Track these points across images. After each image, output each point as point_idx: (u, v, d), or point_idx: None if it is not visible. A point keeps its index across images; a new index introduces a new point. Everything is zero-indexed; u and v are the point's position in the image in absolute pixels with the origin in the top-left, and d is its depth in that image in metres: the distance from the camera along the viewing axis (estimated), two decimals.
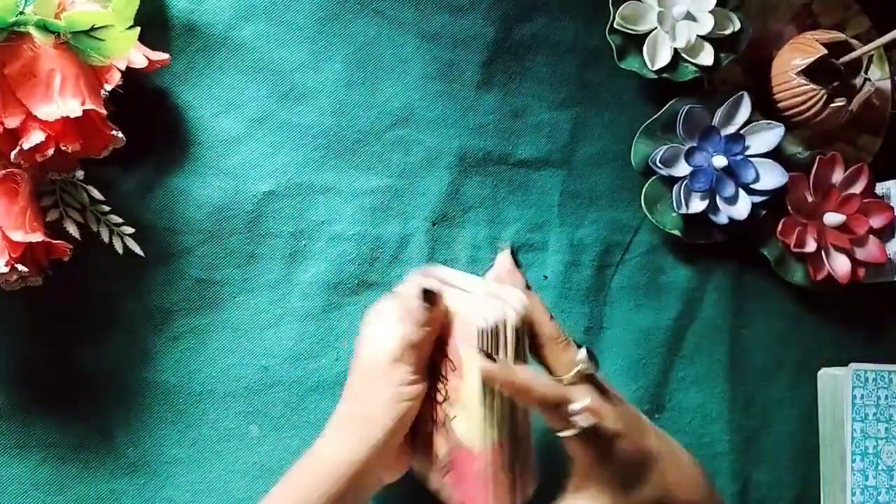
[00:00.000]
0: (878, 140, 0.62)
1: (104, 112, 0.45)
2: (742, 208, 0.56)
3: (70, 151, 0.45)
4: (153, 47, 0.50)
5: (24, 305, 0.50)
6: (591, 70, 0.60)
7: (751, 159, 0.57)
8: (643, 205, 0.58)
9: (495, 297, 0.41)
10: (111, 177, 0.51)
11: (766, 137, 0.57)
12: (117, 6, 0.45)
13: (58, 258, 0.47)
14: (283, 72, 0.55)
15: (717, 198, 0.57)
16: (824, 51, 0.55)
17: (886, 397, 0.57)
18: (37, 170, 0.47)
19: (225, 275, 0.53)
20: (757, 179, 0.57)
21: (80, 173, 0.49)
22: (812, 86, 0.56)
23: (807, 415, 0.60)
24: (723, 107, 0.57)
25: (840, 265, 0.58)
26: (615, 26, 0.56)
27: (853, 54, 0.56)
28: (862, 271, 0.58)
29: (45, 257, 0.48)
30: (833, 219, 0.58)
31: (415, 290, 0.42)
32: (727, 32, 0.56)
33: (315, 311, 0.54)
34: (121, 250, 0.51)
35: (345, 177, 0.55)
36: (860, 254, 0.58)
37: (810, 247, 0.58)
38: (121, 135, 0.47)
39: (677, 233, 0.58)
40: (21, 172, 0.46)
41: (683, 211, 0.56)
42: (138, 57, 0.48)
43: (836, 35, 0.56)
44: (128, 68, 0.48)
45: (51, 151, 0.44)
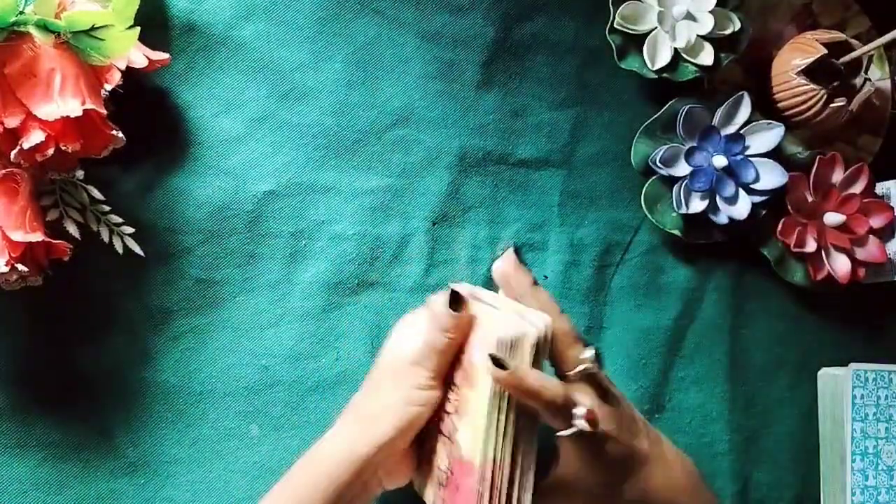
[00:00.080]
0: (878, 140, 0.62)
1: (104, 112, 0.45)
2: (742, 208, 0.56)
3: (70, 151, 0.45)
4: (153, 47, 0.50)
5: (24, 305, 0.50)
6: (591, 70, 0.60)
7: (751, 159, 0.57)
8: (643, 205, 0.58)
9: (521, 315, 0.41)
10: (111, 177, 0.51)
11: (766, 137, 0.57)
12: (117, 6, 0.45)
13: (58, 258, 0.47)
14: (283, 72, 0.55)
15: (717, 198, 0.57)
16: (824, 51, 0.55)
17: (886, 397, 0.57)
18: (37, 169, 0.47)
19: (225, 275, 0.53)
20: (757, 179, 0.57)
21: (80, 173, 0.49)
22: (812, 86, 0.56)
23: (807, 415, 0.60)
24: (723, 107, 0.57)
25: (840, 265, 0.58)
26: (615, 26, 0.56)
27: (853, 54, 0.56)
28: (862, 271, 0.58)
29: (45, 257, 0.48)
30: (833, 219, 0.58)
31: (443, 297, 0.42)
32: (727, 32, 0.56)
33: (315, 311, 0.54)
34: (121, 250, 0.51)
35: (345, 176, 0.55)
36: (860, 254, 0.58)
37: (810, 247, 0.58)
38: (121, 134, 0.47)
39: (677, 233, 0.58)
40: (21, 172, 0.46)
41: (683, 211, 0.56)
42: (138, 57, 0.48)
43: (836, 35, 0.56)
44: (128, 68, 0.48)
45: (51, 151, 0.44)
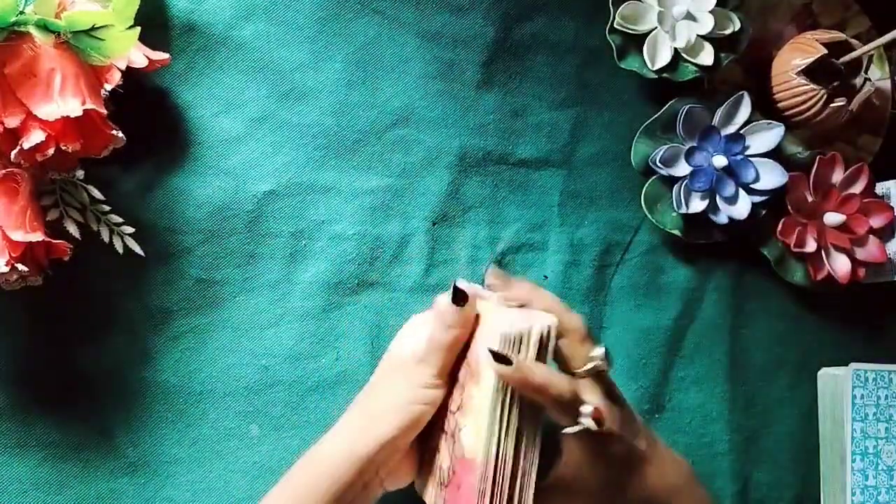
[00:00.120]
0: (878, 140, 0.62)
1: (104, 112, 0.45)
2: (742, 208, 0.56)
3: (70, 151, 0.45)
4: (153, 47, 0.50)
5: (24, 305, 0.50)
6: (591, 70, 0.60)
7: (751, 159, 0.57)
8: (643, 205, 0.58)
9: (525, 312, 0.41)
10: (111, 176, 0.51)
11: (766, 137, 0.57)
12: (117, 6, 0.45)
13: (58, 258, 0.47)
14: (283, 71, 0.55)
15: (717, 198, 0.57)
16: (824, 51, 0.55)
17: (886, 397, 0.57)
18: (37, 169, 0.47)
19: (225, 275, 0.53)
20: (757, 179, 0.57)
21: (80, 173, 0.49)
22: (812, 86, 0.56)
23: (807, 415, 0.60)
24: (723, 107, 0.57)
25: (840, 265, 0.58)
26: (615, 26, 0.56)
27: (853, 54, 0.56)
28: (862, 271, 0.58)
29: (45, 257, 0.48)
30: (833, 219, 0.58)
31: (447, 295, 0.42)
32: (727, 32, 0.56)
33: (315, 311, 0.54)
34: (121, 250, 0.51)
35: (345, 177, 0.55)
36: (860, 254, 0.58)
37: (810, 247, 0.58)
38: (121, 134, 0.47)
39: (677, 233, 0.58)
40: (21, 172, 0.46)
41: (683, 211, 0.56)
42: (138, 57, 0.48)
43: (836, 35, 0.57)
44: (128, 68, 0.48)
45: (51, 151, 0.44)
